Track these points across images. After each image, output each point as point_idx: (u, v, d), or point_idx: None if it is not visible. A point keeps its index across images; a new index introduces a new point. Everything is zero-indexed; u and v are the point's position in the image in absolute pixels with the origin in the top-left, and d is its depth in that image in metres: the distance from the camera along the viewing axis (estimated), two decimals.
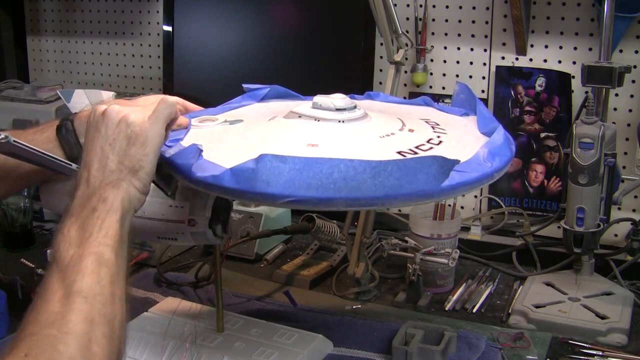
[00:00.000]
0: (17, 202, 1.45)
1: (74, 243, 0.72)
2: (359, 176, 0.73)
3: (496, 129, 0.87)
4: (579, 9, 1.41)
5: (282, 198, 0.74)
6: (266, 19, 1.65)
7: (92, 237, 0.72)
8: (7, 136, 0.78)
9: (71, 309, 0.66)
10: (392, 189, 0.73)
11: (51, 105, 1.58)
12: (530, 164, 1.49)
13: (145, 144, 0.78)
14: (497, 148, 0.83)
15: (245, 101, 1.07)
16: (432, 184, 0.75)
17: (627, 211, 1.42)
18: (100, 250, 0.71)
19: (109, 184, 0.76)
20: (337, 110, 0.88)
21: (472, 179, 0.77)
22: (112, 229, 0.73)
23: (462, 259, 1.35)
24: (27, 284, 1.25)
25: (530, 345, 1.06)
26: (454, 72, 1.54)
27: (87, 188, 0.77)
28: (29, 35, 2.09)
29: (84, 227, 0.73)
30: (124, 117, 0.79)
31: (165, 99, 0.82)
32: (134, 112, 0.80)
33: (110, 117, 0.79)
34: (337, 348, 1.06)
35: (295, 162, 0.74)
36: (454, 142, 0.86)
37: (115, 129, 0.78)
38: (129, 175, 0.77)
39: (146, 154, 0.78)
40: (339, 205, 0.74)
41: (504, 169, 0.82)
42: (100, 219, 0.73)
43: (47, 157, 0.86)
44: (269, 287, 1.30)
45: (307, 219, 1.34)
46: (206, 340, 1.02)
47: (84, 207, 0.75)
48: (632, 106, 1.40)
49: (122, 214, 0.75)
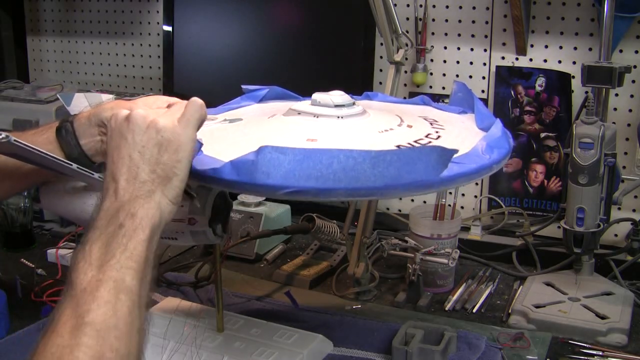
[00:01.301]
0: (17, 202, 1.45)
1: (94, 264, 0.66)
2: (358, 166, 0.73)
3: (494, 123, 0.87)
4: (579, 9, 1.41)
5: (282, 189, 0.74)
6: (266, 18, 1.65)
7: (114, 258, 0.67)
8: (8, 136, 0.78)
9: (80, 343, 0.61)
10: (391, 179, 0.73)
11: (51, 105, 1.58)
12: (530, 164, 1.49)
13: (178, 150, 0.74)
14: (496, 141, 0.84)
15: (244, 102, 1.07)
16: (432, 173, 0.75)
17: (627, 211, 1.42)
18: (121, 276, 0.66)
19: (140, 196, 0.72)
20: (336, 106, 0.89)
21: (471, 170, 0.78)
22: (137, 249, 0.69)
23: (462, 259, 1.36)
24: (27, 284, 1.26)
25: (530, 345, 1.06)
26: (454, 72, 1.54)
27: (115, 200, 0.72)
28: (29, 35, 2.09)
29: (108, 246, 0.68)
30: (152, 123, 0.74)
31: (194, 101, 0.78)
32: (162, 116, 0.76)
33: (136, 122, 0.75)
34: (337, 348, 1.06)
35: (295, 153, 0.74)
36: (453, 136, 0.87)
37: (143, 136, 0.74)
38: (161, 185, 0.73)
39: (179, 159, 0.74)
40: (339, 196, 0.74)
41: (502, 162, 0.83)
42: (126, 238, 0.69)
43: (48, 157, 0.86)
44: (269, 287, 1.30)
45: (307, 219, 1.34)
46: (206, 340, 1.02)
47: (110, 223, 0.70)
48: (632, 106, 1.40)
49: (150, 232, 0.71)
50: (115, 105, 0.98)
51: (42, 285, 1.26)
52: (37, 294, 1.22)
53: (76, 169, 0.90)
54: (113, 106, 0.99)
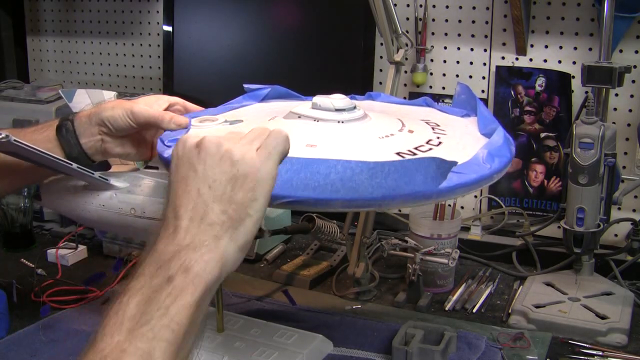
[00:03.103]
0: (17, 202, 1.45)
1: (125, 326, 0.56)
2: (356, 177, 0.73)
3: (496, 130, 0.87)
4: (579, 9, 1.41)
5: (280, 199, 0.73)
6: (266, 18, 1.65)
7: (148, 324, 0.56)
8: (8, 135, 0.78)
9: None
10: (389, 190, 0.73)
11: (51, 105, 1.58)
12: (530, 164, 1.49)
13: (255, 188, 0.64)
14: (497, 149, 0.83)
15: (246, 101, 1.07)
16: (430, 185, 0.74)
17: (627, 211, 1.42)
18: (150, 348, 0.56)
19: (203, 242, 0.61)
20: (337, 110, 0.88)
21: (471, 181, 0.77)
22: (180, 316, 0.57)
23: (462, 259, 1.36)
24: (25, 285, 1.25)
25: (530, 345, 1.06)
26: (454, 72, 1.54)
27: (171, 242, 0.61)
28: (29, 35, 2.09)
29: (148, 304, 0.57)
30: (227, 152, 0.64)
31: (278, 132, 0.68)
32: (239, 146, 0.66)
33: (209, 151, 0.64)
34: (337, 348, 1.06)
35: (293, 162, 0.74)
36: (454, 143, 0.86)
37: (217, 168, 0.64)
38: (231, 228, 0.63)
39: (255, 198, 0.64)
40: (336, 206, 0.74)
41: (503, 171, 0.82)
42: (170, 298, 0.58)
43: (48, 157, 0.86)
44: (269, 287, 1.30)
45: (307, 219, 1.34)
46: (206, 340, 1.02)
47: (158, 273, 0.59)
48: (632, 106, 1.40)
49: (204, 291, 0.59)
50: (116, 105, 0.98)
51: (42, 285, 1.26)
52: (37, 294, 1.22)
53: (76, 168, 0.90)
54: (114, 105, 0.99)
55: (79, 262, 1.41)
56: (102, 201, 0.98)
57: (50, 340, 1.07)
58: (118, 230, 1.02)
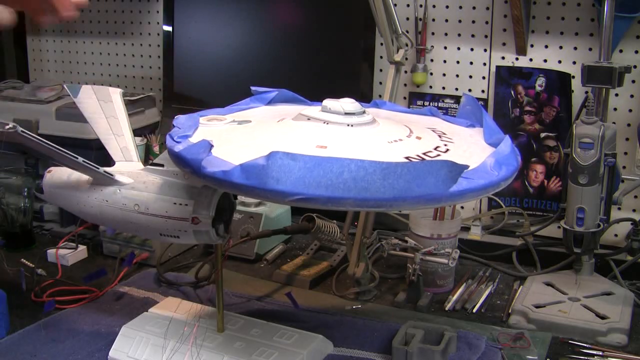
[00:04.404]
0: (17, 202, 1.45)
1: None
2: (368, 177, 0.73)
3: (502, 140, 0.88)
4: (579, 9, 1.41)
5: (292, 195, 0.73)
6: (266, 18, 1.65)
7: None
8: (15, 126, 0.80)
9: None
10: (401, 191, 0.73)
11: (51, 105, 1.58)
12: (530, 164, 1.49)
13: None
14: (504, 158, 0.84)
15: (252, 104, 1.08)
16: (441, 187, 0.75)
17: (627, 211, 1.42)
18: None
19: None
20: (346, 114, 0.89)
21: (479, 186, 0.78)
22: None
23: (462, 259, 1.36)
24: (27, 284, 1.25)
25: (530, 345, 1.06)
26: (454, 72, 1.54)
27: None
28: (29, 35, 2.09)
29: None
30: None
31: None
32: None
33: None
34: (337, 348, 1.06)
35: (306, 160, 0.74)
36: (460, 150, 0.87)
37: None
38: None
39: None
40: (347, 205, 0.74)
41: (510, 179, 0.83)
42: None
43: (54, 149, 0.87)
44: (269, 287, 1.30)
45: (307, 219, 1.34)
46: (206, 340, 1.02)
47: None
48: (632, 106, 1.40)
49: None
50: None
51: (42, 285, 1.26)
52: (37, 294, 1.22)
53: (81, 162, 0.91)
54: None
55: (79, 262, 1.41)
56: (105, 196, 0.98)
57: (51, 340, 1.07)
58: (119, 226, 1.02)
